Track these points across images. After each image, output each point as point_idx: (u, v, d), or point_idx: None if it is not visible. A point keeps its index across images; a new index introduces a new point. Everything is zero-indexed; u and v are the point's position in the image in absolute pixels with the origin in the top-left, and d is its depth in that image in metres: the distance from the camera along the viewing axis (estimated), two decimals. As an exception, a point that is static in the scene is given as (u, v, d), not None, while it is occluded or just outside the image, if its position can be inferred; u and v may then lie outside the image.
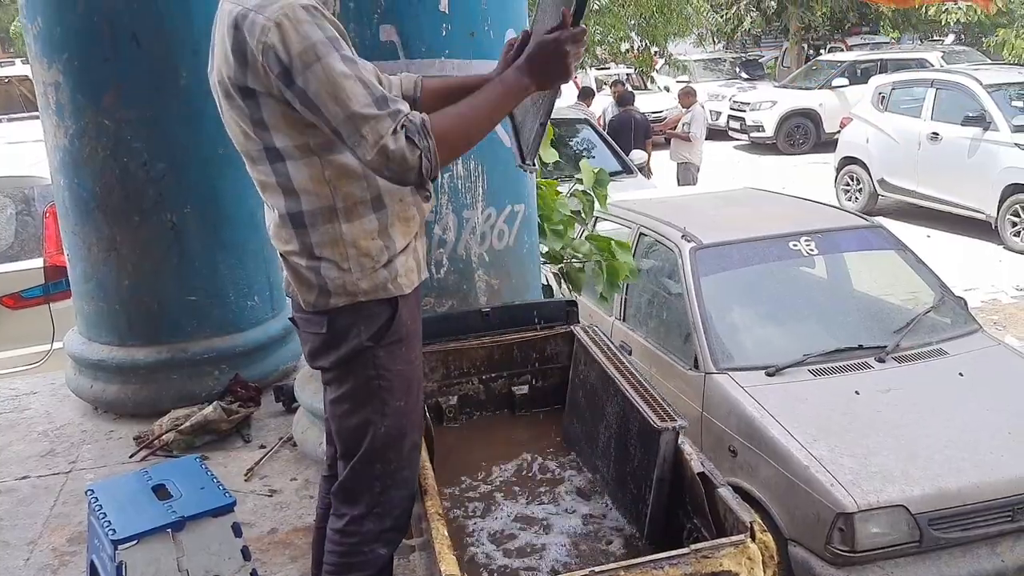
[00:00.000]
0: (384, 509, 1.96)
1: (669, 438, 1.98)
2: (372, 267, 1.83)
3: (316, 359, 1.95)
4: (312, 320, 1.90)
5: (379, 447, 1.93)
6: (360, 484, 1.95)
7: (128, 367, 3.77)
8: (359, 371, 1.89)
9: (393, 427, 1.92)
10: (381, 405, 1.90)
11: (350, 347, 1.87)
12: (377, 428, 1.91)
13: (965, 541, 3.15)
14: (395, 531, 2.00)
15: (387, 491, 1.96)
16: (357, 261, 1.82)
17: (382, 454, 1.93)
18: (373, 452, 1.93)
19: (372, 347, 1.87)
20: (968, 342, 4.01)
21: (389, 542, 2.00)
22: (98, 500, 2.15)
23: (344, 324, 1.86)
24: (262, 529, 2.95)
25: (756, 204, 5.33)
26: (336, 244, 1.81)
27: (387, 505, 1.96)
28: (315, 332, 1.90)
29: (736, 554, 1.59)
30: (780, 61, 24.38)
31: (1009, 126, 9.00)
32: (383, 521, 1.97)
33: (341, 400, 1.93)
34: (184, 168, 3.66)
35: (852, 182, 11.05)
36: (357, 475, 1.95)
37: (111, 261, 3.70)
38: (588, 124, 8.65)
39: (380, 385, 1.89)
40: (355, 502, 1.96)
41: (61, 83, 3.55)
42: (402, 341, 1.91)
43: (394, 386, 1.91)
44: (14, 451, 3.65)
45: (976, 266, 8.18)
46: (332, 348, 1.89)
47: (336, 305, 1.84)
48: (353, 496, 1.96)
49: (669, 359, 4.25)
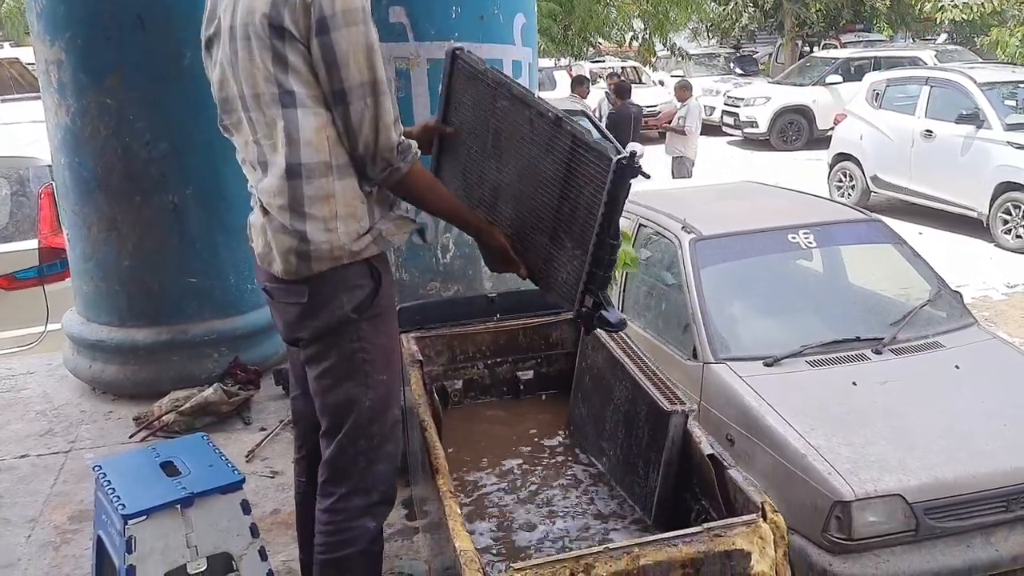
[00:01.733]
0: (370, 484, 1.99)
1: (678, 421, 2.00)
2: (357, 230, 1.87)
3: (295, 330, 1.97)
4: (291, 289, 1.92)
5: (364, 422, 1.96)
6: (346, 460, 1.98)
7: (127, 348, 3.77)
8: (343, 344, 1.92)
9: (377, 401, 1.96)
10: (365, 378, 1.94)
11: (334, 318, 1.89)
12: (362, 403, 1.94)
13: (960, 531, 3.17)
14: (383, 504, 2.03)
15: (372, 465, 1.99)
16: (344, 221, 1.85)
17: (367, 429, 1.96)
18: (359, 427, 1.96)
19: (356, 319, 1.90)
20: (964, 335, 4.03)
21: (377, 515, 2.02)
22: (106, 476, 2.15)
23: (327, 293, 1.88)
24: (264, 509, 2.96)
25: (755, 197, 5.35)
26: (327, 200, 1.83)
27: (373, 479, 1.99)
28: (294, 302, 1.92)
29: (748, 533, 1.61)
30: (774, 57, 24.41)
31: (1002, 124, 9.05)
32: (370, 495, 1.99)
33: (325, 375, 1.96)
34: (186, 149, 3.65)
35: (845, 178, 11.09)
36: (343, 451, 1.98)
37: (111, 241, 3.69)
38: (585, 116, 8.63)
39: (364, 358, 1.93)
40: (342, 479, 1.99)
41: (63, 61, 3.53)
42: (382, 314, 1.95)
43: (377, 359, 1.95)
44: (12, 430, 3.64)
45: (967, 263, 8.22)
46: (313, 318, 1.91)
47: (319, 270, 1.86)
48: (340, 473, 1.99)
49: (667, 349, 4.26)
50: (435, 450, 2.11)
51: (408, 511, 2.94)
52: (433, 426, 2.24)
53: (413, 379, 2.47)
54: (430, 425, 2.24)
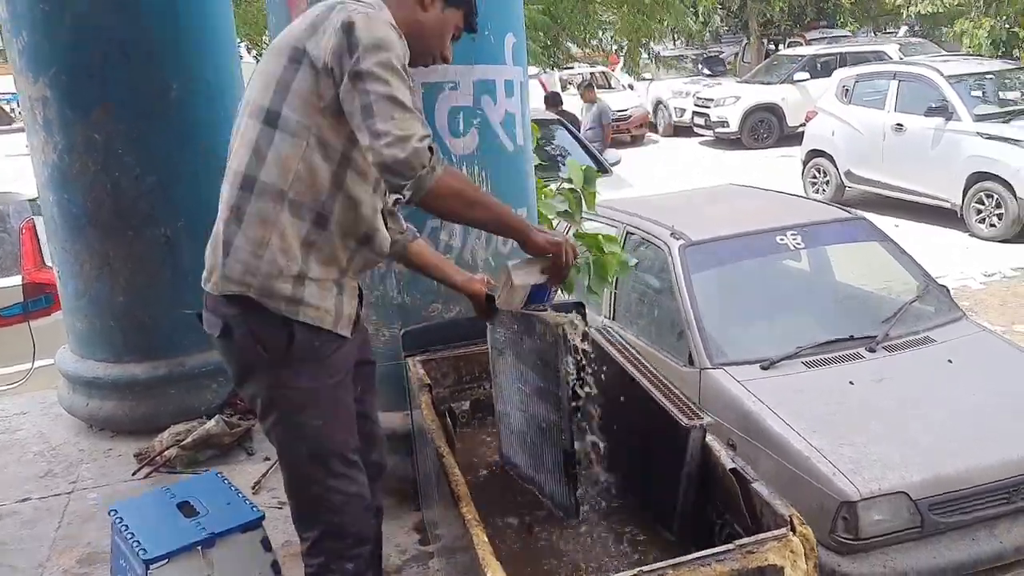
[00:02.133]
0: (338, 527, 1.98)
1: (697, 435, 2.01)
2: (278, 272, 1.83)
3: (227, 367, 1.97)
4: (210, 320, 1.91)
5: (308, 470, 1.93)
6: (306, 507, 1.97)
7: (124, 383, 3.73)
8: (262, 390, 1.91)
9: (317, 447, 1.93)
10: (297, 428, 1.91)
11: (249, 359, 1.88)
12: (298, 450, 1.92)
13: (964, 524, 3.22)
14: (357, 544, 2.02)
15: (338, 510, 1.97)
16: (272, 254, 1.82)
17: (312, 476, 1.94)
18: (304, 475, 1.94)
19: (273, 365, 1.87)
20: (954, 329, 4.10)
21: (354, 556, 2.02)
22: (123, 520, 2.14)
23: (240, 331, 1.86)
24: (276, 542, 2.90)
25: (739, 200, 5.40)
26: (265, 224, 1.82)
27: (341, 523, 1.98)
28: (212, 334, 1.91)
29: (780, 548, 1.63)
30: (740, 57, 24.65)
31: (971, 116, 9.21)
32: (343, 538, 1.99)
33: (261, 419, 1.96)
34: (176, 181, 3.63)
35: (819, 174, 11.22)
36: (300, 500, 1.98)
37: (104, 277, 3.66)
38: (561, 125, 8.68)
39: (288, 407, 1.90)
40: (309, 525, 1.99)
41: (49, 98, 3.50)
42: (306, 360, 1.89)
43: (306, 405, 1.90)
44: (11, 473, 3.59)
45: (944, 254, 8.34)
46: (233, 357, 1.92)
47: (226, 292, 1.84)
48: (305, 520, 1.99)
49: (662, 356, 4.29)
50: (455, 476, 2.10)
51: (421, 536, 2.93)
52: (449, 451, 2.23)
53: (423, 403, 2.46)
54: (446, 451, 2.23)
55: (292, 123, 1.81)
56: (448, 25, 2.03)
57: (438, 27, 2.01)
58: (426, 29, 1.99)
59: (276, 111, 1.81)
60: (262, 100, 1.84)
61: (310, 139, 1.82)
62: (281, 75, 1.82)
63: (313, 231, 1.86)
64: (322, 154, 1.83)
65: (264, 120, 1.83)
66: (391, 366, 2.83)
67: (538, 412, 2.15)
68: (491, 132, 2.88)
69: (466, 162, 2.86)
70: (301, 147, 1.81)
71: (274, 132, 1.82)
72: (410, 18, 1.95)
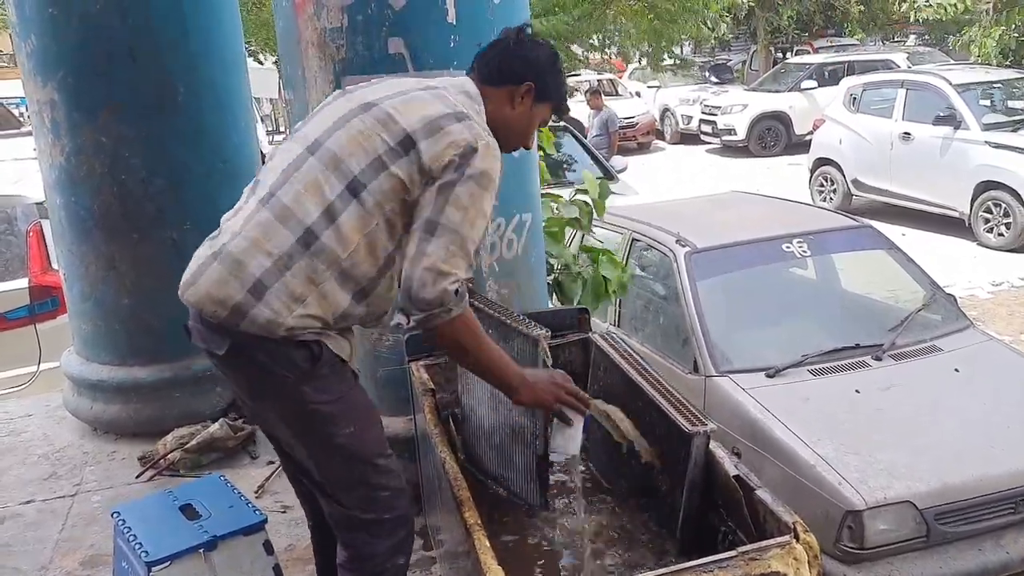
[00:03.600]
0: (390, 525, 1.99)
1: (701, 442, 2.00)
2: (303, 328, 1.82)
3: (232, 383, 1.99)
4: (210, 337, 1.87)
5: (351, 474, 1.94)
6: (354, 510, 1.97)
7: (129, 386, 3.74)
8: (287, 406, 1.89)
9: (356, 454, 1.93)
10: (331, 438, 1.90)
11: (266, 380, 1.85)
12: (337, 459, 1.92)
13: (970, 535, 3.20)
14: (408, 537, 2.04)
15: (389, 508, 1.98)
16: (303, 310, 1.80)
17: (357, 478, 1.94)
18: (347, 481, 1.94)
19: (295, 383, 1.85)
20: (961, 338, 4.08)
21: (405, 552, 2.04)
22: (126, 522, 2.14)
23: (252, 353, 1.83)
24: (279, 546, 2.91)
25: (745, 207, 5.40)
26: (309, 284, 1.80)
27: (391, 520, 1.99)
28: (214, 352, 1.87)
29: (783, 555, 1.62)
30: (748, 65, 24.65)
31: (979, 125, 9.18)
32: (396, 533, 2.00)
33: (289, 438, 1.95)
34: (183, 184, 3.64)
35: (826, 183, 11.20)
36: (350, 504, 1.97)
37: (110, 279, 3.67)
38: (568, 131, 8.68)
39: (322, 419, 1.89)
40: (358, 528, 1.98)
41: (56, 101, 3.51)
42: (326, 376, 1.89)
43: (337, 415, 1.90)
44: (15, 475, 3.60)
45: (951, 263, 8.31)
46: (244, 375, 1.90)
47: (245, 331, 1.80)
48: (354, 524, 1.98)
49: (667, 363, 4.28)
50: (457, 481, 2.10)
51: (424, 541, 2.92)
52: (452, 456, 2.23)
53: (426, 408, 2.46)
54: (449, 456, 2.23)
55: (372, 201, 1.80)
56: (536, 119, 2.08)
57: (526, 122, 2.06)
58: (513, 125, 2.03)
59: (364, 184, 1.80)
60: (354, 166, 1.81)
61: (381, 220, 1.82)
62: (385, 155, 1.80)
63: (352, 304, 1.87)
64: (388, 234, 1.84)
65: (348, 187, 1.81)
66: (394, 371, 2.83)
67: (510, 415, 2.14)
68: (496, 137, 2.87)
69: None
70: (371, 224, 1.82)
71: (352, 201, 1.81)
72: (500, 114, 1.99)
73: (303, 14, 2.81)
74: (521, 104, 2.01)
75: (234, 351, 1.83)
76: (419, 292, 1.72)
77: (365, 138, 1.83)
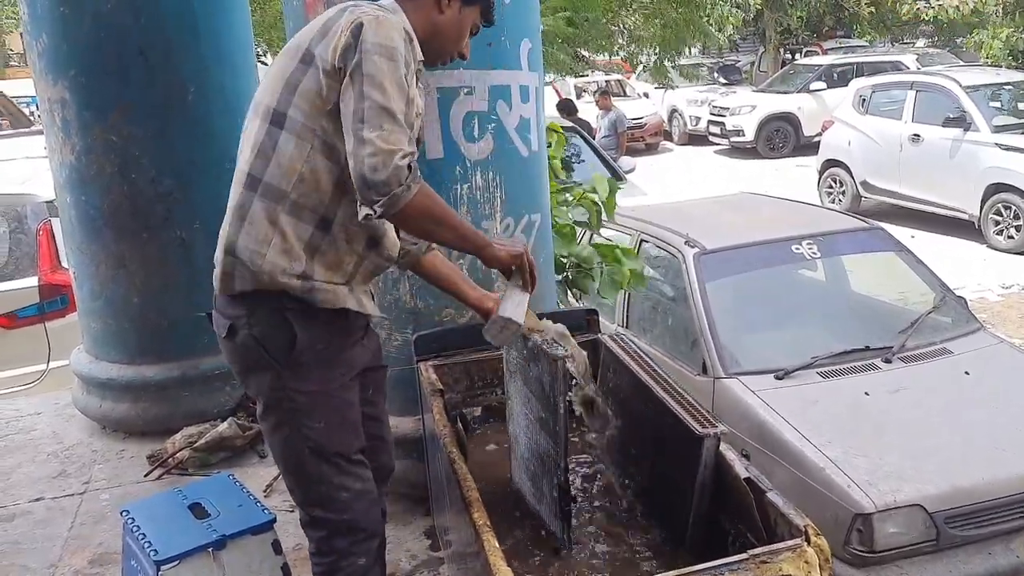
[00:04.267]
0: (348, 524, 1.98)
1: (711, 444, 1.99)
2: (284, 268, 1.84)
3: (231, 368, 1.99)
4: (217, 320, 1.93)
5: (313, 470, 1.93)
6: (313, 510, 1.98)
7: (138, 385, 3.74)
8: (266, 390, 1.91)
9: (319, 448, 1.93)
10: (298, 428, 1.91)
11: (252, 360, 1.89)
12: (301, 451, 1.92)
13: (980, 538, 3.19)
14: (367, 539, 2.03)
15: (345, 509, 1.97)
16: (275, 252, 1.83)
17: (316, 475, 1.94)
18: (310, 475, 1.94)
19: (276, 367, 1.87)
20: (971, 341, 4.07)
21: (365, 551, 2.02)
22: (135, 520, 2.14)
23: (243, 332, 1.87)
24: (287, 545, 2.89)
25: (754, 208, 5.39)
26: (268, 225, 1.82)
27: (350, 520, 1.98)
28: (219, 335, 1.93)
29: (794, 558, 1.61)
30: (757, 66, 24.60)
31: (989, 126, 9.16)
32: (354, 533, 1.99)
33: (262, 418, 1.97)
34: (192, 184, 3.64)
35: (835, 184, 11.17)
36: (307, 502, 1.98)
37: (120, 278, 3.68)
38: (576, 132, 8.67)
39: (291, 407, 1.90)
40: (317, 525, 1.99)
41: (67, 100, 3.52)
42: (308, 364, 1.90)
43: (309, 407, 1.91)
44: (24, 473, 3.61)
45: (961, 265, 8.28)
46: (237, 357, 1.93)
47: (240, 290, 1.85)
48: (314, 521, 1.99)
49: (676, 365, 4.27)
50: (466, 482, 2.09)
51: (432, 541, 2.92)
52: (461, 457, 2.22)
53: (435, 408, 2.46)
54: (458, 456, 2.22)
55: (298, 125, 1.81)
56: (466, 24, 2.03)
57: (455, 27, 2.01)
58: (444, 30, 1.99)
59: (283, 112, 1.82)
60: (270, 100, 1.85)
61: (315, 142, 1.82)
62: (290, 76, 1.83)
63: (317, 235, 1.86)
64: (327, 157, 1.83)
65: (271, 120, 1.83)
66: (403, 371, 2.82)
67: (540, 441, 2.14)
68: (506, 137, 2.88)
69: (481, 167, 2.85)
70: (306, 149, 1.81)
71: (279, 133, 1.82)
72: (427, 21, 1.95)
73: (313, 13, 2.81)
74: (449, 7, 1.97)
75: (231, 332, 1.88)
76: (373, 177, 1.68)
77: (278, 74, 1.86)
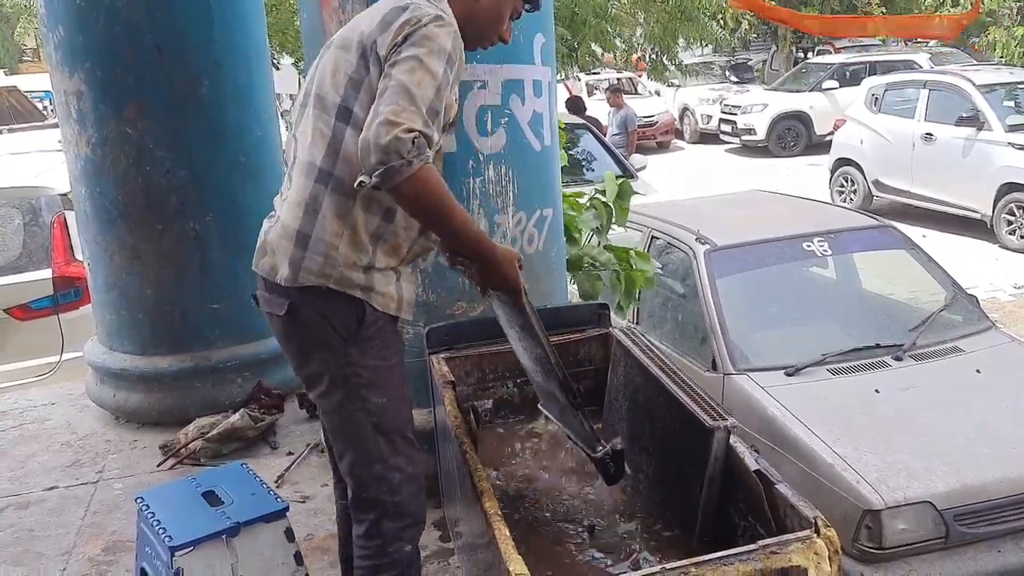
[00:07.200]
0: (398, 508, 2.00)
1: (721, 437, 2.00)
2: (353, 262, 1.88)
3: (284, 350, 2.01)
4: (273, 300, 1.94)
5: (372, 447, 1.96)
6: (368, 489, 1.99)
7: (151, 376, 3.78)
8: (332, 368, 1.93)
9: (381, 424, 1.96)
10: (363, 403, 1.94)
11: (316, 337, 1.91)
12: (364, 427, 1.95)
13: (990, 536, 3.18)
14: (414, 525, 2.05)
15: (396, 490, 1.99)
16: (346, 247, 1.87)
17: (375, 452, 1.96)
18: (368, 452, 1.97)
19: (341, 343, 1.91)
20: (983, 339, 4.05)
21: (411, 538, 2.05)
22: (150, 507, 2.16)
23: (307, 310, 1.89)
24: (298, 535, 2.91)
25: (765, 206, 5.38)
26: (343, 218, 1.86)
27: (401, 503, 2.00)
28: (275, 313, 1.94)
29: (804, 549, 1.62)
30: (769, 64, 24.52)
31: (1003, 126, 9.11)
32: (402, 518, 2.01)
33: (323, 398, 1.98)
34: (206, 177, 3.68)
35: (847, 183, 11.13)
36: (362, 481, 1.99)
37: (134, 270, 3.71)
38: (587, 130, 8.68)
39: (357, 383, 1.93)
40: (369, 507, 2.00)
41: (83, 92, 3.55)
42: (373, 339, 1.94)
43: (373, 383, 1.94)
44: (39, 462, 3.65)
45: (973, 265, 8.24)
46: (297, 335, 1.94)
47: (303, 283, 1.87)
48: (366, 503, 2.00)
49: (686, 361, 4.27)
50: (477, 472, 2.11)
51: (442, 532, 2.94)
52: (472, 448, 2.24)
53: (447, 400, 2.47)
54: (469, 447, 2.24)
55: (362, 120, 1.80)
56: (506, 9, 2.05)
57: (496, 12, 2.03)
58: (484, 16, 2.01)
59: (349, 108, 1.84)
60: (334, 96, 1.87)
61: None
62: (353, 72, 1.85)
63: (382, 225, 1.91)
64: None
65: (337, 116, 1.86)
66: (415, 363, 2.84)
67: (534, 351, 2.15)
68: (519, 131, 2.89)
69: (493, 161, 2.87)
70: None
71: (345, 129, 1.85)
72: (468, 7, 1.98)
73: (328, 7, 2.83)
74: None
75: (292, 310, 1.90)
76: (375, 141, 1.67)
77: (336, 68, 1.88)
